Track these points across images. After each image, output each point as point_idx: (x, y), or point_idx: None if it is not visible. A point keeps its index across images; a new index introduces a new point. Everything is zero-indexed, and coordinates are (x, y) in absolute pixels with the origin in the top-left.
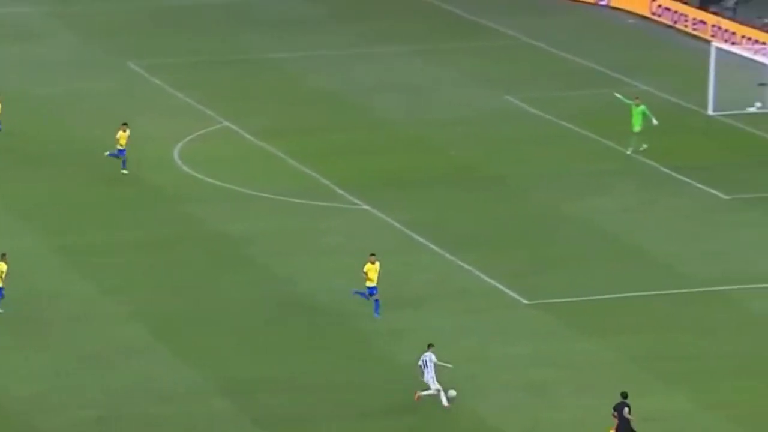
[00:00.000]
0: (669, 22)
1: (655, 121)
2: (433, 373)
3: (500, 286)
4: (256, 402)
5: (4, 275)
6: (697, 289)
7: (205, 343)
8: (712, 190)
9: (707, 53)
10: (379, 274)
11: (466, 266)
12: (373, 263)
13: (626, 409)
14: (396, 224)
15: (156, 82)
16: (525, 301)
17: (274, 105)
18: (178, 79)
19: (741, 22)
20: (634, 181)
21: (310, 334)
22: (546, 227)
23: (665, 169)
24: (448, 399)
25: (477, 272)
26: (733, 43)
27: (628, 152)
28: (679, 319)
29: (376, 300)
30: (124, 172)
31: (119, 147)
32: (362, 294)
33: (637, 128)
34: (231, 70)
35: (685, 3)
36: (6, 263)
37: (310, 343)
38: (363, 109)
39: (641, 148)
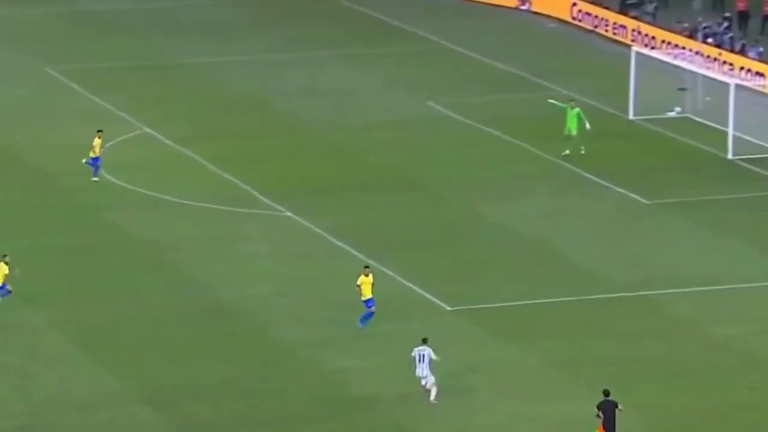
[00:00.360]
0: (589, 27)
1: (588, 125)
2: (427, 370)
3: (423, 293)
4: (179, 410)
5: (3, 276)
6: (618, 294)
7: (126, 350)
8: (632, 195)
9: (628, 57)
10: (372, 285)
11: (388, 272)
12: (366, 275)
13: (618, 406)
14: (318, 230)
15: (74, 87)
16: (448, 308)
17: (196, 110)
18: (97, 84)
19: (661, 27)
20: (555, 185)
21: (232, 341)
22: (468, 232)
23: (586, 174)
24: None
25: (399, 279)
26: (653, 48)
27: (566, 153)
28: (600, 324)
29: (371, 312)
30: (95, 179)
31: (93, 155)
32: (367, 316)
33: (573, 131)
34: (152, 75)
35: (606, 7)
36: (7, 264)
37: (232, 351)
38: (285, 114)
39: (581, 152)
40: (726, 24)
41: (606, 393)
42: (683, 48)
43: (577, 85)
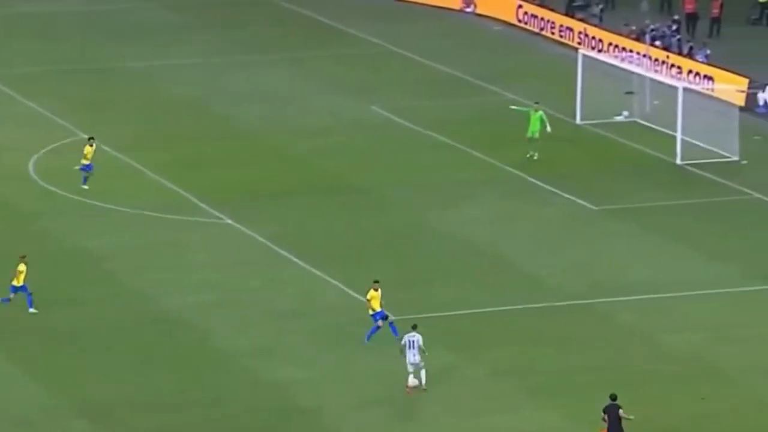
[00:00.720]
0: (535, 29)
1: (549, 128)
2: (418, 356)
3: (365, 301)
4: (117, 422)
5: (23, 276)
6: (565, 302)
7: (61, 362)
8: (580, 201)
9: (574, 61)
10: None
11: (331, 281)
12: (375, 290)
13: (621, 410)
14: (259, 238)
15: (7, 91)
16: (392, 317)
17: (134, 115)
18: (32, 88)
19: (608, 29)
20: (501, 191)
21: (171, 351)
22: (412, 239)
23: (533, 179)
24: (414, 386)
25: (342, 287)
26: (600, 51)
27: (534, 156)
28: (546, 333)
29: (384, 325)
30: (84, 187)
31: (84, 162)
32: (373, 331)
33: (536, 134)
34: (89, 79)
35: (552, 10)
36: (26, 264)
37: (172, 361)
38: (226, 119)
39: (534, 157)
40: (674, 27)
41: (613, 397)
42: (630, 51)
43: (523, 88)
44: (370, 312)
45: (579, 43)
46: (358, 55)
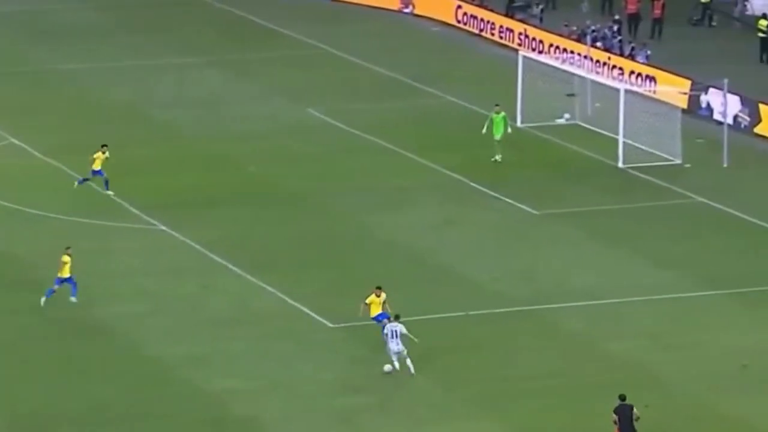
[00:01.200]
0: (475, 30)
1: (509, 129)
2: (401, 344)
3: (304, 309)
4: None
5: (69, 267)
6: (507, 309)
7: None
8: (521, 205)
9: (515, 62)
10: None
11: (268, 288)
12: (378, 296)
13: (635, 410)
14: (194, 245)
15: None
16: (330, 325)
17: (64, 120)
18: None
19: (548, 30)
20: (441, 196)
21: (104, 363)
22: (351, 246)
23: (473, 184)
24: (388, 371)
25: (280, 294)
26: (540, 52)
27: (498, 159)
28: (487, 341)
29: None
30: (109, 192)
31: (94, 168)
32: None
33: (498, 136)
34: (16, 82)
35: (491, 10)
36: (70, 256)
37: (104, 373)
38: (158, 123)
39: (495, 159)
40: (615, 27)
41: (623, 398)
42: (572, 52)
43: (462, 91)
44: (372, 316)
45: (519, 45)
46: (294, 57)
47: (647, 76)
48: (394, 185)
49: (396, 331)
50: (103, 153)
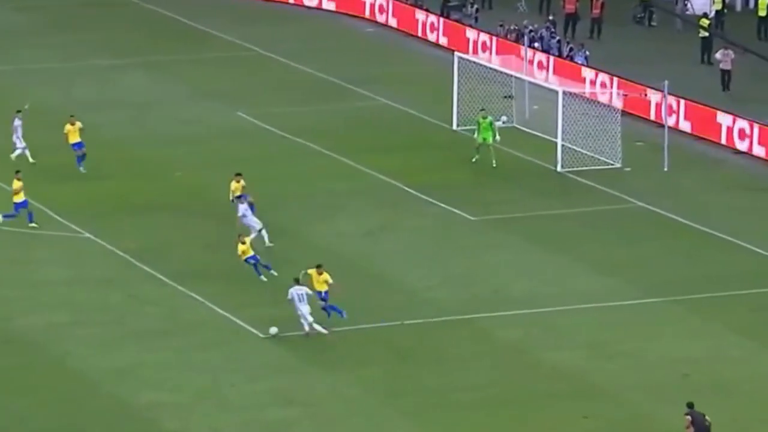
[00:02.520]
0: (410, 30)
1: (498, 136)
2: (308, 307)
3: (234, 319)
4: None
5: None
6: (442, 318)
7: None
8: (457, 211)
9: (450, 63)
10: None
11: (197, 297)
12: (320, 274)
13: (707, 417)
14: (120, 253)
15: None
16: (261, 335)
17: None
18: None
19: (485, 31)
20: (374, 201)
21: (25, 375)
22: (283, 253)
23: (408, 189)
24: (273, 334)
25: (209, 304)
26: (476, 53)
27: (475, 159)
28: (423, 350)
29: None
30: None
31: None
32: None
33: (488, 140)
34: None
35: (426, 10)
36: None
37: (25, 385)
38: (85, 126)
39: (474, 160)
40: (552, 28)
41: (691, 405)
42: (509, 53)
43: (397, 92)
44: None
45: (454, 46)
46: (223, 58)
47: (585, 78)
48: (327, 190)
49: (302, 294)
50: (72, 124)
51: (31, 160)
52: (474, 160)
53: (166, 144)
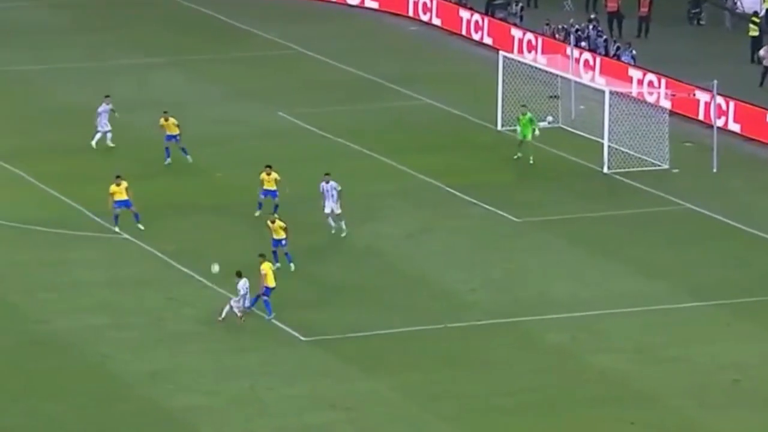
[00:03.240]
0: (454, 29)
1: (537, 131)
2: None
3: (274, 322)
4: None
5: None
6: (485, 321)
7: None
8: (501, 212)
9: (495, 63)
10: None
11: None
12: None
13: None
14: (158, 254)
15: None
16: (302, 338)
17: (20, 122)
18: None
19: (530, 30)
20: (417, 202)
21: (62, 378)
22: (324, 255)
23: (451, 189)
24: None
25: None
26: (521, 52)
27: (518, 156)
28: (465, 354)
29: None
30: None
31: (169, 133)
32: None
33: (529, 136)
34: None
35: (471, 9)
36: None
37: (62, 388)
38: (120, 127)
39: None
40: (596, 26)
41: None
42: (554, 52)
43: (440, 92)
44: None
45: (499, 45)
46: (263, 57)
47: (632, 77)
48: (367, 191)
49: (247, 287)
50: (166, 120)
51: (110, 144)
52: (516, 157)
53: (206, 144)
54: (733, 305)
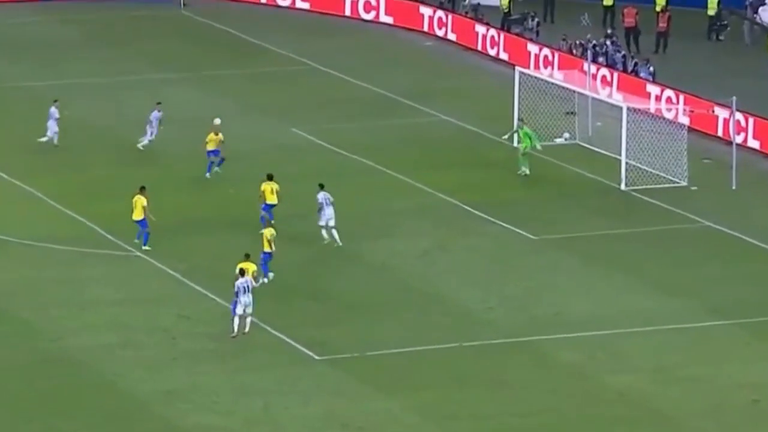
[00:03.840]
0: (470, 44)
1: (538, 145)
2: (250, 297)
3: (288, 340)
4: None
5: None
6: (501, 340)
7: None
8: (518, 230)
9: (511, 78)
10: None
11: (250, 318)
12: (216, 134)
13: None
14: (171, 272)
15: None
16: (316, 357)
17: (32, 140)
18: None
19: (546, 45)
20: (432, 220)
21: (74, 396)
22: (338, 273)
23: (468, 207)
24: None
25: (262, 324)
26: (537, 68)
27: (526, 173)
28: (481, 373)
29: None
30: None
31: (209, 149)
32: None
33: (537, 146)
34: None
35: (486, 24)
36: (146, 197)
37: (74, 406)
38: (133, 144)
39: (525, 173)
40: (612, 41)
41: None
42: (571, 68)
43: (455, 108)
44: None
45: (515, 60)
46: (278, 73)
47: (650, 94)
48: (382, 208)
49: (248, 285)
50: (216, 134)
51: (140, 147)
52: (524, 174)
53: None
54: (753, 324)
